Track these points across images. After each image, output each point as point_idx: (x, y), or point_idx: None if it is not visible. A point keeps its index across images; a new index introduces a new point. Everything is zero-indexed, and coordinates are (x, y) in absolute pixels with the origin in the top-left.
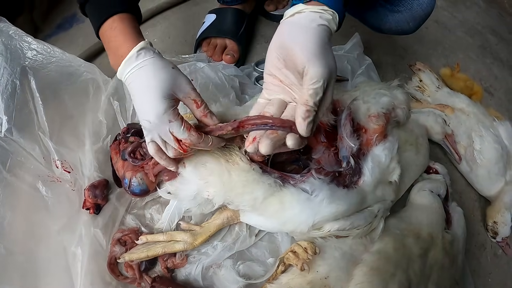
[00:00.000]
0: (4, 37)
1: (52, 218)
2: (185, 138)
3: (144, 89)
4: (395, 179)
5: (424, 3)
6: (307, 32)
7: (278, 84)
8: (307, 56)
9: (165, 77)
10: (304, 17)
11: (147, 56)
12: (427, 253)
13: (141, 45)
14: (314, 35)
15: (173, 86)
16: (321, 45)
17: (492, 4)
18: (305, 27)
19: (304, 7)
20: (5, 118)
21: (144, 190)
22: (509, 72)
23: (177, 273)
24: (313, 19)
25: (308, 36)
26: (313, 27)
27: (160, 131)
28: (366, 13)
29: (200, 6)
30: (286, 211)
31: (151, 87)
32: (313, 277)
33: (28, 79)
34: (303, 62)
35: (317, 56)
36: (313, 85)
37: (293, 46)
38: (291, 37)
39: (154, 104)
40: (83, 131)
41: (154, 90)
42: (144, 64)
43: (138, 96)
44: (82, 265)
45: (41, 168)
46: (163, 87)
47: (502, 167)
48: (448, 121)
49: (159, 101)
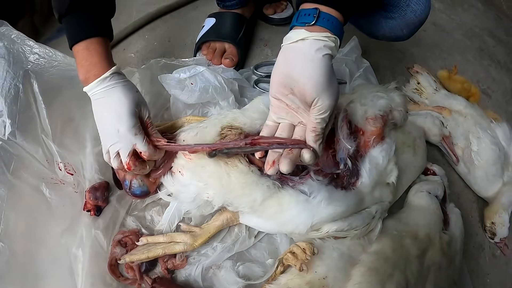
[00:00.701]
0: (6, 41)
1: (56, 220)
2: (145, 150)
3: (116, 105)
4: (392, 180)
5: (418, 10)
6: (314, 63)
7: (284, 108)
8: (316, 90)
9: (133, 98)
10: (308, 45)
11: (119, 79)
12: (424, 254)
13: (114, 69)
14: (322, 67)
15: (137, 105)
16: (328, 77)
17: (490, 6)
18: (311, 57)
19: (308, 34)
20: (9, 121)
21: (144, 191)
22: (506, 74)
23: (177, 274)
24: (318, 48)
25: (316, 69)
26: (319, 58)
27: (125, 142)
28: (360, 19)
29: (199, 10)
30: (285, 213)
31: (123, 104)
32: (311, 277)
33: (31, 82)
34: (312, 96)
35: (325, 89)
36: (321, 115)
37: (301, 78)
38: (298, 68)
39: (125, 120)
40: (84, 134)
41: (126, 107)
42: (117, 85)
43: (109, 111)
44: (83, 266)
45: (44, 170)
46: (132, 106)
47: (499, 168)
48: (446, 123)
49: (129, 117)
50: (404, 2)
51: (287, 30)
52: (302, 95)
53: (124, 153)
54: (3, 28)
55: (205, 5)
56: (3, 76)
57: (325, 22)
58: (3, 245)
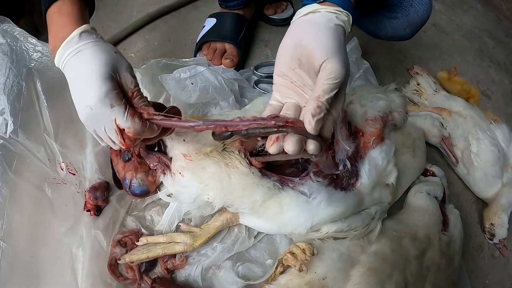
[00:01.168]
0: (9, 38)
1: (58, 220)
2: (128, 126)
3: (82, 73)
4: (392, 181)
5: (421, 10)
6: (326, 30)
7: (290, 86)
8: (326, 52)
9: (106, 59)
10: (320, 16)
11: (89, 39)
12: (423, 254)
13: (83, 28)
14: (333, 34)
15: (114, 68)
16: (340, 44)
17: (490, 7)
18: (323, 25)
19: (319, 6)
20: (11, 119)
21: (144, 191)
22: (506, 75)
23: (177, 274)
24: (330, 18)
25: (327, 34)
26: (331, 27)
27: (102, 119)
28: (363, 18)
29: (200, 11)
30: (285, 214)
31: (91, 69)
32: (311, 277)
33: (34, 80)
34: (320, 59)
35: (336, 53)
36: (328, 80)
37: (311, 43)
38: (308, 35)
39: (94, 87)
40: (84, 133)
41: (94, 72)
42: (85, 47)
43: (76, 82)
44: (83, 266)
45: (46, 170)
46: (103, 69)
47: (498, 169)
48: (445, 124)
49: (99, 83)
50: (407, 2)
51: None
52: (310, 62)
53: (111, 132)
54: (6, 25)
55: (206, 5)
56: (6, 73)
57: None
58: (6, 245)
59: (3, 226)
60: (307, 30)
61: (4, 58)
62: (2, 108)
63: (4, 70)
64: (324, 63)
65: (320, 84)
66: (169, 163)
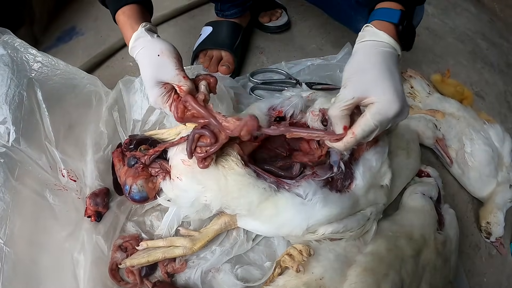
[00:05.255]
0: (10, 49)
1: (60, 226)
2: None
3: (143, 77)
4: (386, 183)
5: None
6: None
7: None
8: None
9: (151, 71)
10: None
11: (139, 47)
12: (419, 254)
13: (133, 39)
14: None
15: (158, 77)
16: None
17: (483, 9)
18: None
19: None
20: (13, 128)
21: (143, 197)
22: (499, 76)
23: (177, 278)
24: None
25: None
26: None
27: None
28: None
29: (196, 19)
30: (281, 215)
31: (144, 77)
32: (308, 278)
33: (35, 90)
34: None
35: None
36: (373, 114)
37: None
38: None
39: (148, 93)
40: (85, 141)
41: (146, 81)
42: (139, 56)
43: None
44: (84, 271)
45: (47, 176)
46: (149, 80)
47: (493, 168)
48: (439, 125)
49: (150, 91)
50: None
51: (282, 38)
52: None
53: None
54: (6, 36)
55: (202, 14)
56: (7, 83)
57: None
58: (9, 250)
59: (6, 232)
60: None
61: (5, 69)
62: (4, 118)
63: (5, 81)
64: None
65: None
66: (170, 169)
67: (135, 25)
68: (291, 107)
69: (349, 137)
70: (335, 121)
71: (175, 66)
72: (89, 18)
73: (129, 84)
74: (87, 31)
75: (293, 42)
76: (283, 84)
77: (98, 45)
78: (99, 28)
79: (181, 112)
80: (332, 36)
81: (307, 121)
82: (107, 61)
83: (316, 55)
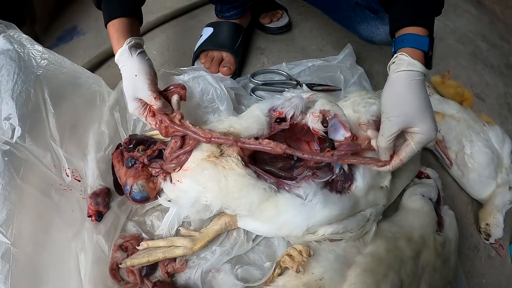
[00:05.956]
0: (16, 44)
1: (64, 225)
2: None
3: (123, 89)
4: (386, 184)
5: None
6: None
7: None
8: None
9: (130, 86)
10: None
11: (122, 63)
12: (419, 255)
13: (118, 54)
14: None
15: (135, 93)
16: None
17: (484, 11)
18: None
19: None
20: (19, 124)
21: (144, 197)
22: (500, 78)
23: (177, 278)
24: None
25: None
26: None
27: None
28: (358, 26)
29: (197, 20)
30: (281, 216)
31: (125, 90)
32: (308, 278)
33: (42, 87)
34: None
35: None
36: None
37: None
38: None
39: (128, 104)
40: (87, 141)
41: (126, 94)
42: (122, 70)
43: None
44: (85, 271)
45: (52, 176)
46: (129, 94)
47: (492, 170)
48: (439, 127)
49: (129, 104)
50: None
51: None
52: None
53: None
54: (12, 31)
55: (203, 14)
56: (14, 79)
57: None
58: (16, 250)
59: (13, 232)
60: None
61: (12, 64)
62: (9, 114)
63: (12, 76)
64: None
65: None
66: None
67: (121, 39)
68: (291, 108)
69: (397, 163)
70: (383, 151)
71: (148, 88)
72: (90, 18)
73: None
74: (88, 31)
75: (293, 43)
76: (283, 85)
77: (99, 45)
78: (100, 28)
79: (165, 132)
80: (333, 37)
81: (308, 122)
82: (108, 61)
83: (317, 56)
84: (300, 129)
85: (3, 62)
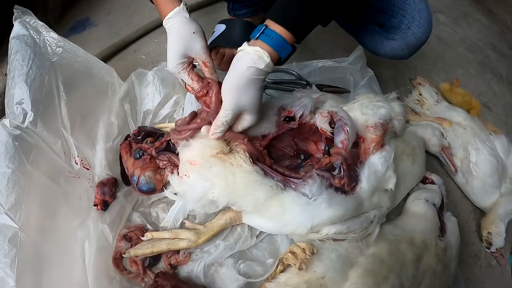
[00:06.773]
0: (32, 30)
1: (72, 214)
2: (189, 84)
3: (169, 46)
4: (391, 187)
5: (419, 32)
6: (235, 71)
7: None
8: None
9: (182, 42)
10: (238, 57)
11: (176, 21)
12: (420, 259)
13: (173, 12)
14: (240, 76)
15: (187, 49)
16: (244, 85)
17: (494, 20)
18: (235, 67)
19: (244, 47)
20: (32, 109)
21: (151, 188)
22: (508, 88)
23: (180, 270)
24: (245, 60)
25: (235, 76)
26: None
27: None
28: (364, 37)
29: (209, 17)
30: (286, 213)
31: (171, 46)
32: (310, 276)
33: (56, 75)
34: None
35: (235, 91)
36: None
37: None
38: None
39: (170, 58)
40: (97, 130)
41: (172, 49)
42: (173, 27)
43: (168, 48)
44: (89, 259)
45: (61, 163)
46: (177, 49)
47: (497, 179)
48: (446, 134)
49: (172, 57)
50: (405, 25)
51: None
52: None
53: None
54: (28, 17)
55: (215, 11)
56: (29, 64)
57: (265, 37)
58: (24, 235)
59: (21, 217)
60: (231, 67)
61: (27, 49)
62: (21, 99)
63: (26, 61)
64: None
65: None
66: (178, 162)
67: (176, 1)
68: (301, 107)
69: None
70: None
71: (205, 46)
72: (103, 12)
73: (141, 76)
74: (100, 23)
75: (304, 44)
76: (293, 84)
77: (111, 37)
78: (112, 20)
79: (202, 94)
80: (344, 39)
81: (316, 122)
82: (119, 53)
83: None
84: (308, 129)
85: (18, 47)
